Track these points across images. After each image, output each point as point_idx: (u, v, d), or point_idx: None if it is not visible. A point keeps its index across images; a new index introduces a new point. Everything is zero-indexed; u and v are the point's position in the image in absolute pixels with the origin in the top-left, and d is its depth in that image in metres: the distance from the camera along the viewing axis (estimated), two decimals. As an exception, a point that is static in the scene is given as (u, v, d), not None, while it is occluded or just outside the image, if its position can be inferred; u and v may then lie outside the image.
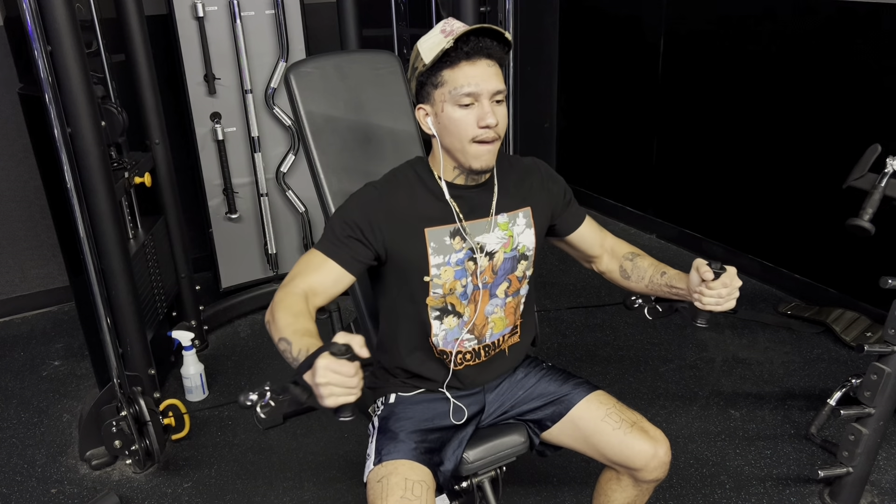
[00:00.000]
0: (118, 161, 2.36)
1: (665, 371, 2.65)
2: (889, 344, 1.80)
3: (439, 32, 1.33)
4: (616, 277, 1.59)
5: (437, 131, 1.37)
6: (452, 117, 1.33)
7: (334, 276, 1.35)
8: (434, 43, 1.32)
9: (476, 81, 1.30)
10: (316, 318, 1.29)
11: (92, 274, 2.04)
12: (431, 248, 1.38)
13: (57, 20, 1.86)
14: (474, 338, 1.48)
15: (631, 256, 1.56)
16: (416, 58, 1.36)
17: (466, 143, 1.33)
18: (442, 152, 1.38)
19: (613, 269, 1.59)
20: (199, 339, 2.86)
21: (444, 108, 1.33)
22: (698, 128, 3.45)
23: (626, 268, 1.56)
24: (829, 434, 2.27)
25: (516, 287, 1.50)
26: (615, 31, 3.82)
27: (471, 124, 1.32)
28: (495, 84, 1.32)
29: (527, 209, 1.48)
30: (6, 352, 2.96)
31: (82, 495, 2.15)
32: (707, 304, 1.36)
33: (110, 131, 2.22)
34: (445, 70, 1.31)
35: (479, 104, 1.31)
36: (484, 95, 1.31)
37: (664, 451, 1.46)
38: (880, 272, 1.81)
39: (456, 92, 1.31)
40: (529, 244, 1.48)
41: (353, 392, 1.05)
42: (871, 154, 1.80)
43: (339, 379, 1.03)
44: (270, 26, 2.92)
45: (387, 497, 1.31)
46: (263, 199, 3.09)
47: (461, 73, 1.30)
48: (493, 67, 1.32)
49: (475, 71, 1.30)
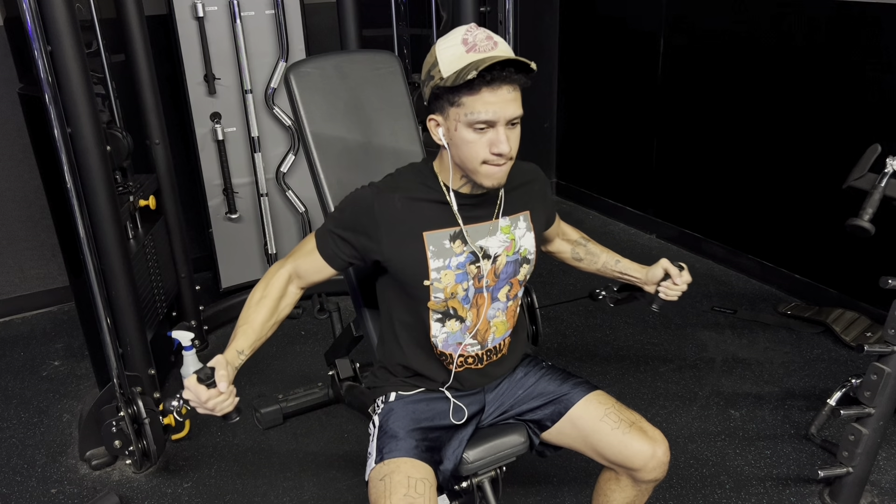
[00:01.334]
0: (123, 186, 2.37)
1: (665, 371, 2.66)
2: (889, 344, 1.80)
3: (460, 42, 1.28)
4: (567, 258, 1.73)
5: (449, 145, 1.35)
6: (466, 139, 1.30)
7: (318, 266, 1.43)
8: (454, 56, 1.27)
9: (494, 109, 1.26)
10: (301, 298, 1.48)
11: (92, 274, 2.04)
12: (431, 251, 1.38)
13: (57, 20, 1.86)
14: (477, 343, 1.48)
15: (584, 241, 1.72)
16: (432, 66, 1.31)
17: (478, 165, 1.32)
18: (452, 164, 1.37)
19: (564, 251, 1.72)
20: (199, 339, 2.86)
21: (458, 127, 1.30)
22: (698, 128, 3.45)
23: (579, 252, 1.71)
24: (829, 434, 2.27)
25: (516, 290, 1.50)
26: (615, 31, 3.82)
27: (483, 148, 1.30)
28: (513, 111, 1.28)
29: (527, 213, 1.49)
30: (6, 352, 2.96)
31: (82, 495, 2.15)
32: (670, 296, 1.58)
33: (115, 155, 2.25)
34: (465, 94, 1.26)
35: (493, 130, 1.29)
36: (500, 122, 1.28)
37: (663, 452, 1.46)
38: (880, 272, 1.81)
39: (472, 117, 1.27)
40: (531, 247, 1.49)
41: (210, 411, 1.26)
42: (871, 154, 1.80)
43: (195, 400, 1.25)
44: (270, 26, 2.92)
45: (390, 495, 1.31)
46: (263, 199, 3.09)
47: (481, 100, 1.26)
48: (514, 93, 1.28)
49: (495, 98, 1.26)
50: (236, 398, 1.29)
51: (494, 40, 1.29)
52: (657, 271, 1.58)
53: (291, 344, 2.91)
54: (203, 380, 1.23)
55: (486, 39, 1.28)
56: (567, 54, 4.18)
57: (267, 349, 2.87)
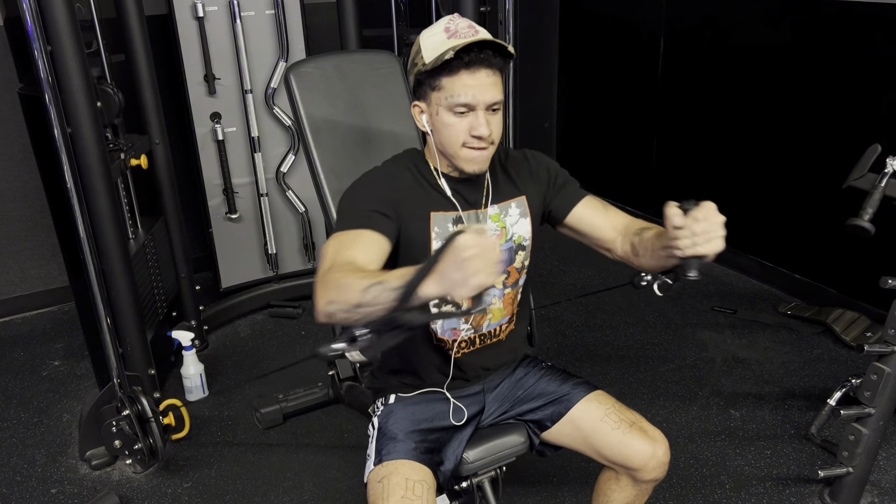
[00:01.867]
0: (114, 143, 2.31)
1: (665, 371, 2.65)
2: (889, 344, 1.80)
3: (443, 30, 1.32)
4: (630, 259, 1.41)
5: (432, 130, 1.37)
6: (446, 123, 1.33)
7: (374, 244, 1.28)
8: (436, 42, 1.31)
9: (473, 93, 1.29)
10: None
11: (92, 274, 2.04)
12: (435, 232, 1.39)
13: (57, 20, 1.86)
14: (471, 328, 1.48)
15: (639, 231, 1.38)
16: (416, 53, 1.34)
17: (458, 148, 1.34)
18: (436, 151, 1.40)
19: (628, 250, 1.41)
20: (199, 339, 2.86)
21: (440, 111, 1.33)
22: (698, 128, 3.45)
23: (636, 244, 1.38)
24: (829, 434, 2.27)
25: (515, 278, 1.49)
26: (615, 30, 3.82)
27: (463, 131, 1.32)
28: (492, 95, 1.30)
29: (521, 198, 1.47)
30: (6, 352, 2.96)
31: (82, 495, 2.15)
32: (685, 248, 1.15)
33: (106, 112, 2.19)
34: (444, 76, 1.30)
35: (473, 113, 1.31)
36: (480, 106, 1.30)
37: (663, 452, 1.46)
38: (880, 272, 1.81)
39: (452, 100, 1.30)
40: (525, 234, 1.47)
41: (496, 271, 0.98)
42: (871, 154, 1.80)
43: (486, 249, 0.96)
44: (270, 26, 2.92)
45: (388, 497, 1.31)
46: (263, 199, 3.09)
47: (459, 82, 1.29)
48: (493, 77, 1.30)
49: (473, 81, 1.29)
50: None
51: (476, 28, 1.31)
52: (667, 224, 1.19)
53: (291, 344, 2.91)
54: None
55: (467, 27, 1.31)
56: (567, 54, 4.18)
57: (267, 349, 2.89)
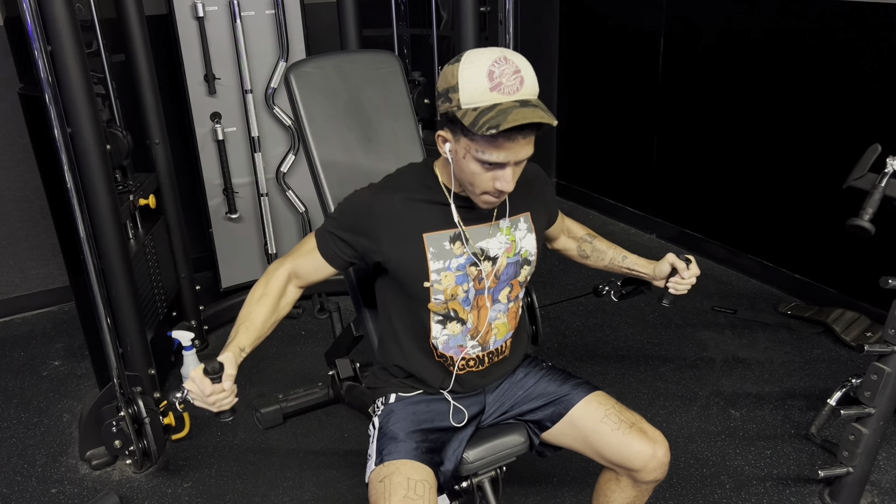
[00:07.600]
0: (123, 185, 2.38)
1: (665, 371, 2.65)
2: (889, 344, 1.80)
3: (486, 76, 1.22)
4: (573, 255, 1.72)
5: (453, 161, 1.32)
6: (472, 170, 1.29)
7: (317, 265, 1.43)
8: (477, 89, 1.22)
9: (506, 155, 1.25)
10: (301, 298, 1.48)
11: (92, 274, 2.04)
12: (430, 253, 1.38)
13: (57, 20, 1.86)
14: (478, 345, 1.48)
15: (589, 238, 1.70)
16: (452, 88, 1.25)
17: (478, 193, 1.32)
18: (453, 176, 1.36)
19: (570, 248, 1.71)
20: (199, 339, 2.86)
21: (468, 157, 1.28)
22: (698, 128, 3.45)
23: (585, 249, 1.70)
24: (829, 434, 2.27)
25: (517, 292, 1.50)
26: (615, 31, 3.82)
27: (487, 181, 1.29)
28: (524, 154, 1.27)
29: (527, 214, 1.48)
30: (6, 352, 2.96)
31: (82, 495, 2.15)
32: (680, 290, 1.57)
33: (115, 154, 2.26)
34: (481, 137, 1.24)
35: (501, 169, 1.27)
36: (510, 164, 1.27)
37: (663, 452, 1.46)
38: (880, 272, 1.81)
39: (483, 157, 1.25)
40: (532, 249, 1.48)
41: (211, 407, 1.24)
42: (871, 154, 1.80)
43: (198, 393, 1.23)
44: (270, 26, 2.92)
45: (389, 497, 1.31)
46: (263, 199, 3.09)
47: (495, 145, 1.23)
48: (530, 137, 1.26)
49: (511, 145, 1.24)
50: (236, 398, 1.28)
51: (521, 76, 1.23)
52: (664, 267, 1.57)
53: (291, 344, 2.91)
54: (209, 373, 1.23)
55: (512, 76, 1.22)
56: (567, 54, 4.18)
57: (267, 349, 2.89)
